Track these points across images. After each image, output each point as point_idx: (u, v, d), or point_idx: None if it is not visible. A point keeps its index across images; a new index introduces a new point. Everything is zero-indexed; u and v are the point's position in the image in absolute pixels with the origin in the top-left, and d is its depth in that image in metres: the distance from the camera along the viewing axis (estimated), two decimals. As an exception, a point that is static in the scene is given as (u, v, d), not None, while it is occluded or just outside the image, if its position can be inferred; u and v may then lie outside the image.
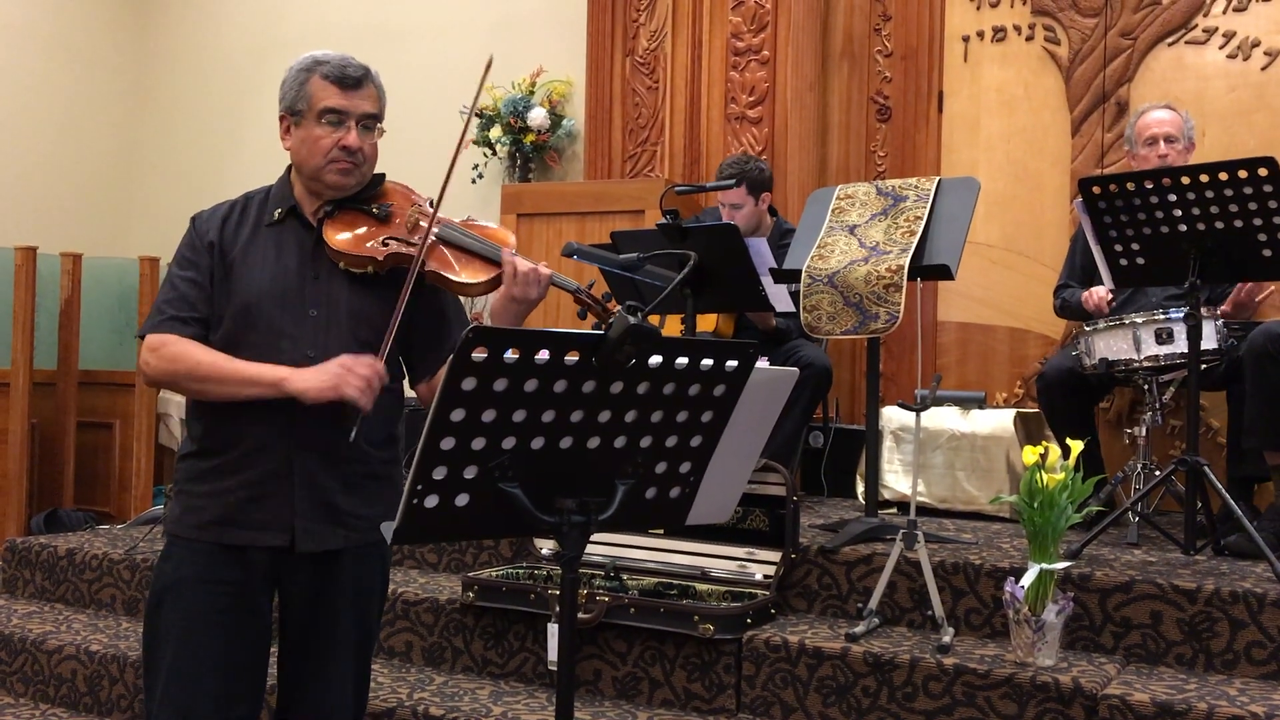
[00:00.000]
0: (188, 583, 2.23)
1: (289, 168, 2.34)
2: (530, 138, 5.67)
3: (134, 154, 7.06)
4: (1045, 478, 2.81)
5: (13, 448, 5.15)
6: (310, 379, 2.11)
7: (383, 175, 2.37)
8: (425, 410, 1.59)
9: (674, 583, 3.38)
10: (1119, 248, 3.34)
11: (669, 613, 3.11)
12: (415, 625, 3.51)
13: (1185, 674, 2.85)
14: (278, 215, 2.30)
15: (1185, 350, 3.29)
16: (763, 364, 1.78)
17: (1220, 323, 3.44)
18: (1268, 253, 3.15)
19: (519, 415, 1.58)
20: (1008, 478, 4.13)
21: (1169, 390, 3.78)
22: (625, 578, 3.41)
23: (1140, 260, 3.33)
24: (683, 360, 1.68)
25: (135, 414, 5.42)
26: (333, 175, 2.26)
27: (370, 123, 2.28)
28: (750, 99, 5.12)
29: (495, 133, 5.72)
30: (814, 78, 5.19)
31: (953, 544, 3.47)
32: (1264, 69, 4.54)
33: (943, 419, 4.28)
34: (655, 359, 1.64)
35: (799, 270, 3.67)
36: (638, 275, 2.39)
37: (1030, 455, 2.85)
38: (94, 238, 6.44)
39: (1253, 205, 3.10)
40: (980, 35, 5.05)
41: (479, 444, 1.58)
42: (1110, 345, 3.52)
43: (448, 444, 1.56)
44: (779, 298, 3.91)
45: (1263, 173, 3.06)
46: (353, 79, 2.25)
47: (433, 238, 2.26)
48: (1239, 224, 3.13)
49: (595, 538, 2.12)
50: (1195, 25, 4.66)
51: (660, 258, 2.35)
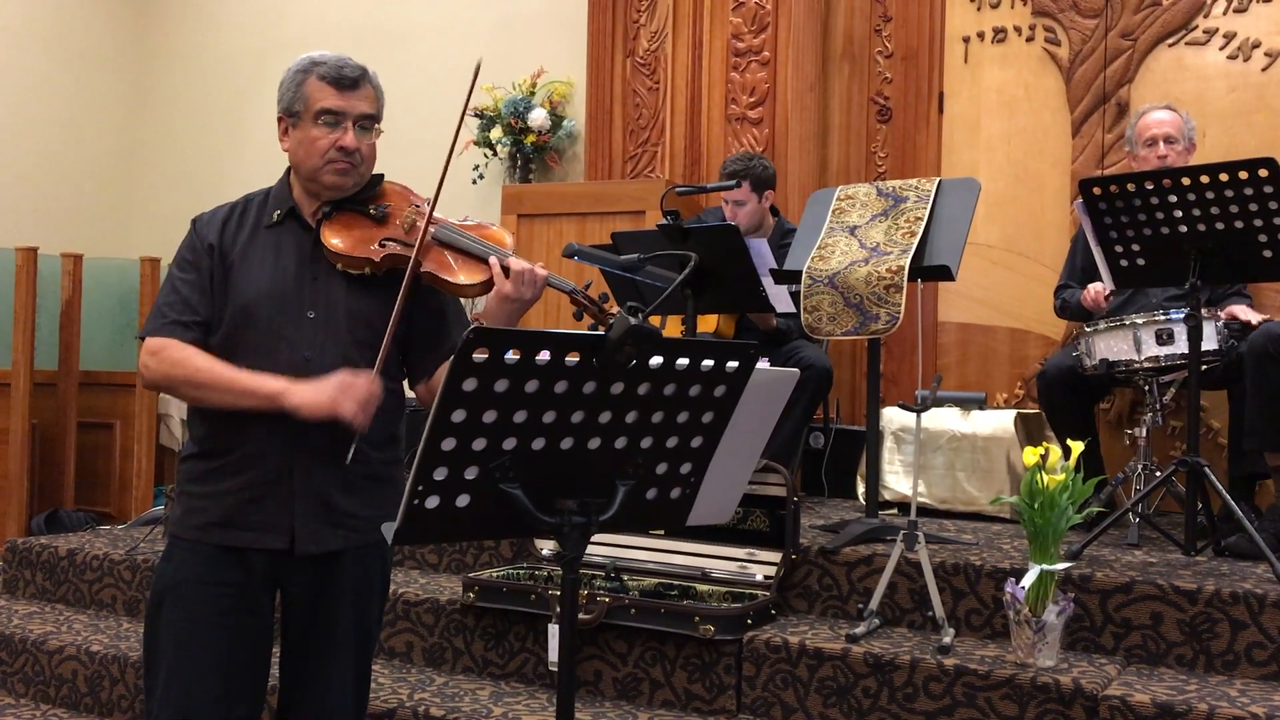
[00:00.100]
0: (189, 584, 2.23)
1: (288, 169, 2.35)
2: (531, 138, 5.67)
3: (134, 154, 7.06)
4: (1046, 478, 2.81)
5: (13, 448, 5.15)
6: (307, 395, 2.10)
7: (381, 176, 2.36)
8: (425, 411, 1.59)
9: (674, 583, 3.38)
10: (1119, 248, 3.34)
11: (669, 613, 3.11)
12: (416, 626, 3.51)
13: (1186, 675, 2.85)
14: (277, 217, 2.30)
15: (1186, 351, 3.29)
16: (763, 365, 1.78)
17: (1220, 323, 3.44)
18: (1268, 253, 3.15)
19: (520, 416, 1.58)
20: (1008, 478, 4.13)
21: (1169, 391, 3.78)
22: (626, 578, 3.41)
23: (1140, 261, 3.33)
24: (683, 361, 1.68)
25: (136, 415, 5.42)
26: (330, 176, 2.26)
27: (368, 123, 2.27)
28: (751, 100, 5.12)
29: (496, 133, 5.72)
30: (814, 79, 5.19)
31: (953, 545, 3.47)
32: (1264, 70, 4.54)
33: (943, 420, 4.28)
34: (656, 360, 1.64)
35: (799, 271, 3.67)
36: (638, 276, 2.40)
37: (1031, 456, 2.85)
38: (95, 238, 6.44)
39: (1253, 206, 3.10)
40: (981, 36, 5.05)
41: (480, 445, 1.58)
42: (1111, 346, 3.53)
43: (449, 445, 1.56)
44: (779, 298, 3.92)
45: (1263, 173, 3.06)
46: (349, 80, 2.25)
47: (429, 239, 2.26)
48: (1239, 225, 3.13)
49: (596, 538, 2.13)
50: (1195, 26, 4.66)
51: (661, 258, 2.36)
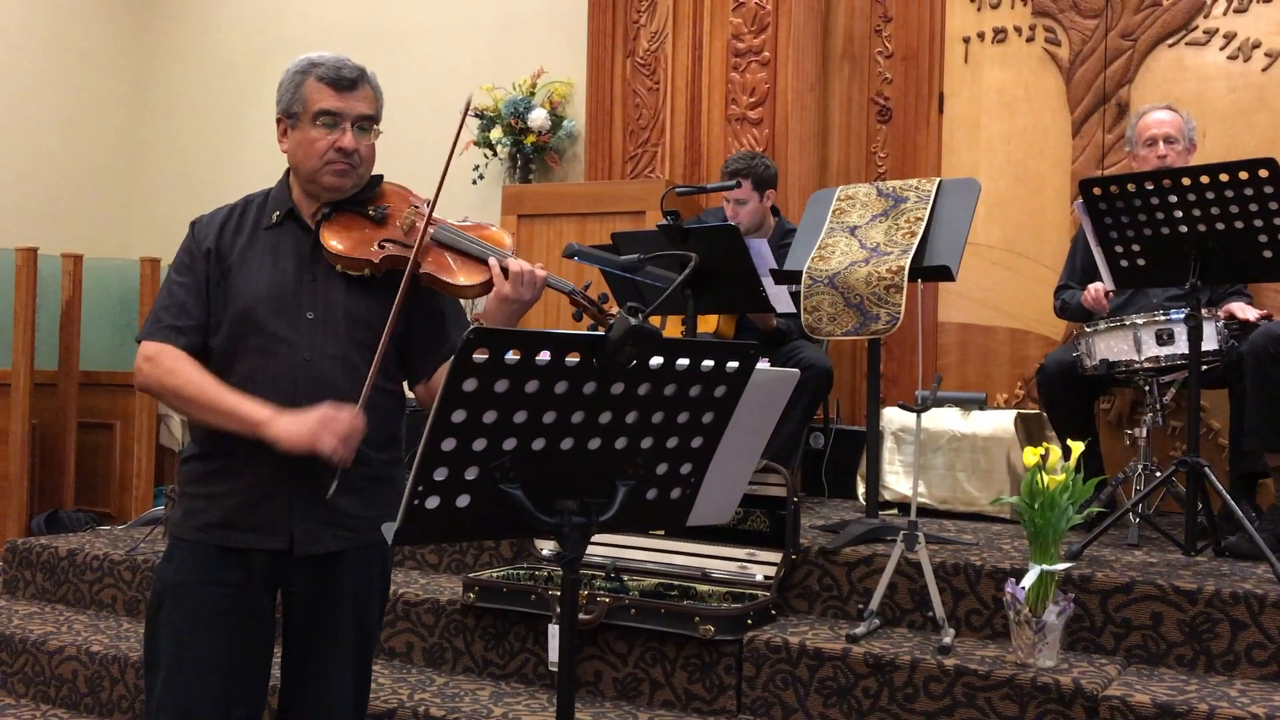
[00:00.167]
0: (189, 584, 2.23)
1: (287, 170, 2.35)
2: (531, 139, 5.67)
3: (134, 154, 7.07)
4: (1046, 479, 2.81)
5: (14, 448, 5.15)
6: (287, 428, 2.09)
7: (380, 177, 2.36)
8: (425, 411, 1.59)
9: (674, 584, 3.38)
10: (1119, 249, 3.34)
11: (669, 614, 3.11)
12: (416, 626, 3.51)
13: (1186, 675, 2.85)
14: (276, 218, 2.30)
15: (1186, 351, 3.29)
16: (763, 365, 1.78)
17: (1221, 323, 3.44)
18: (1268, 254, 3.15)
19: (520, 416, 1.58)
20: (1008, 479, 4.12)
21: (1170, 391, 3.78)
22: (626, 579, 3.41)
23: (1141, 261, 3.33)
24: (684, 361, 1.68)
25: (136, 415, 5.42)
26: (329, 177, 2.26)
27: (366, 124, 2.27)
28: (751, 100, 5.12)
29: (496, 134, 5.72)
30: (814, 79, 5.19)
31: (953, 545, 3.47)
32: (1264, 70, 4.54)
33: (943, 420, 4.28)
34: (656, 360, 1.64)
35: (799, 271, 3.67)
36: (639, 276, 2.40)
37: (1031, 456, 2.85)
38: (95, 239, 6.44)
39: (1253, 206, 3.10)
40: (981, 36, 5.05)
41: (480, 445, 1.58)
42: (1111, 346, 3.53)
43: (449, 445, 1.56)
44: (779, 299, 3.91)
45: (1263, 174, 3.06)
46: (348, 80, 2.24)
47: (429, 240, 2.26)
48: (1239, 225, 3.13)
49: (596, 539, 2.13)
50: (1196, 26, 4.66)
51: (661, 259, 2.36)
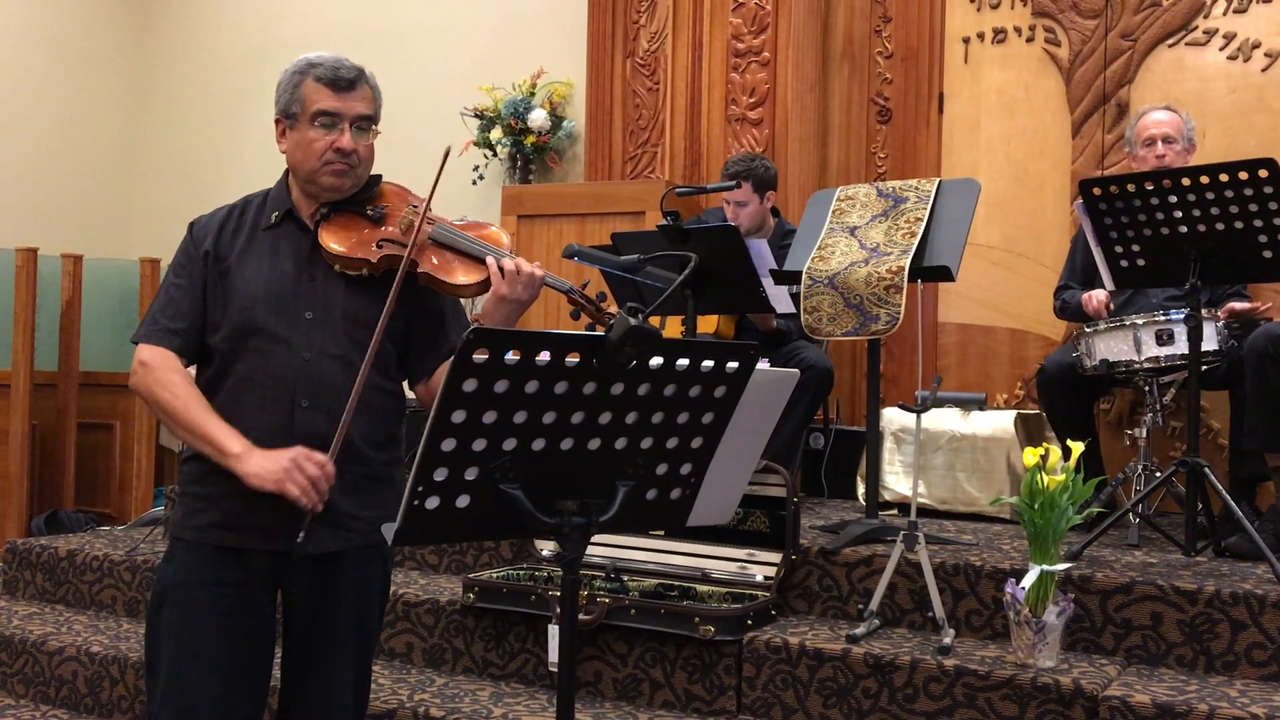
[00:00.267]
0: (189, 584, 2.23)
1: (286, 170, 2.34)
2: (531, 139, 5.67)
3: (134, 155, 7.06)
4: (1046, 479, 2.81)
5: (13, 449, 5.15)
6: (256, 466, 2.08)
7: (379, 176, 2.36)
8: (425, 411, 1.59)
9: (674, 584, 3.38)
10: (1119, 249, 3.34)
11: (669, 614, 3.11)
12: (416, 626, 3.51)
13: (1186, 675, 2.85)
14: (275, 219, 2.30)
15: (1186, 351, 3.29)
16: (763, 365, 1.78)
17: (1221, 324, 3.44)
18: (1268, 254, 3.15)
19: (520, 416, 1.58)
20: (1008, 479, 4.12)
21: (1169, 391, 3.78)
22: (626, 579, 3.41)
23: (1141, 261, 3.33)
24: (683, 362, 1.68)
25: (136, 415, 5.42)
26: (327, 178, 2.26)
27: (364, 124, 2.27)
28: (751, 100, 5.12)
29: (496, 134, 5.72)
30: (814, 79, 5.19)
31: (953, 545, 3.47)
32: (1264, 70, 4.54)
33: (943, 420, 4.28)
34: (656, 360, 1.64)
35: (799, 271, 3.67)
36: (638, 277, 2.40)
37: (1031, 456, 2.85)
38: (94, 239, 6.44)
39: (1253, 206, 3.10)
40: (980, 37, 5.05)
41: (480, 445, 1.58)
42: (1111, 346, 3.52)
43: (449, 445, 1.56)
44: (779, 299, 3.91)
45: (1263, 174, 3.06)
46: (346, 81, 2.24)
47: (426, 240, 2.25)
48: (1239, 225, 3.13)
49: (596, 539, 2.13)
50: (1195, 27, 4.66)
51: (661, 259, 2.35)
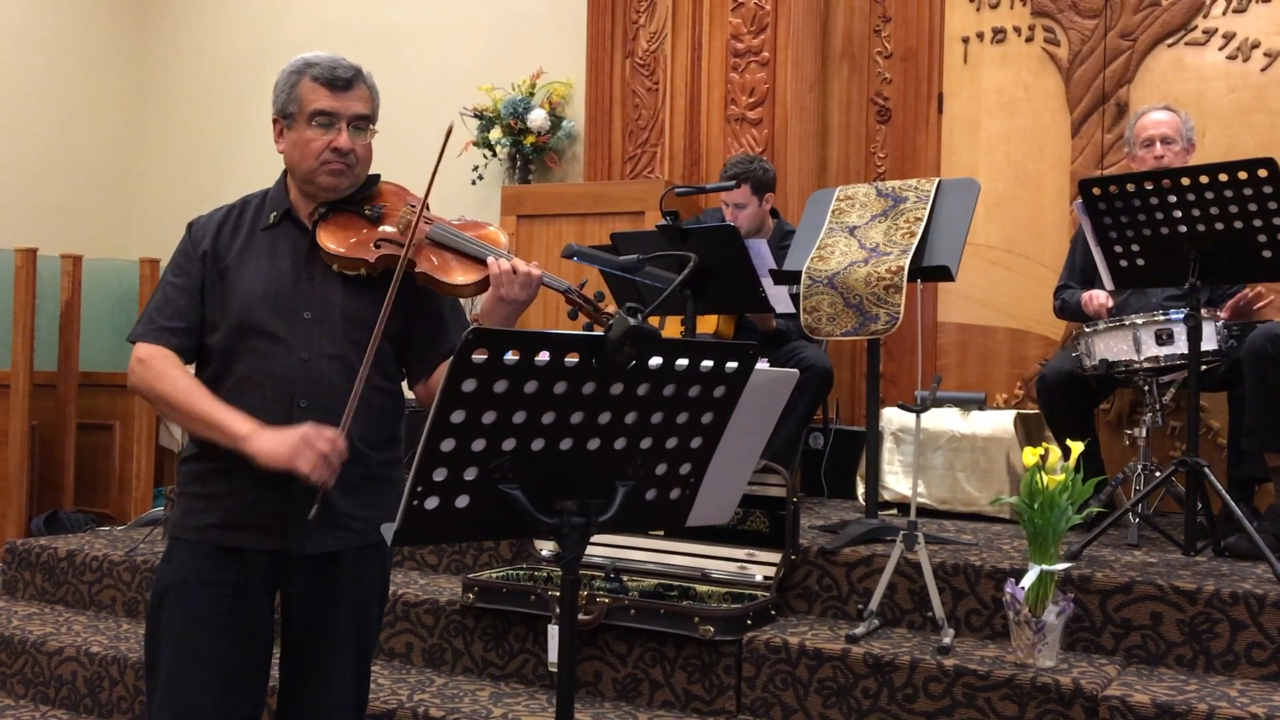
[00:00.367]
0: (188, 584, 2.23)
1: (285, 171, 2.34)
2: (530, 139, 5.66)
3: (134, 155, 7.06)
4: (1045, 479, 2.81)
5: (13, 449, 5.14)
6: (267, 445, 2.08)
7: (377, 176, 2.36)
8: (425, 411, 1.59)
9: (674, 584, 3.38)
10: (1119, 249, 3.34)
11: (669, 614, 3.11)
12: (415, 627, 3.51)
13: (1185, 675, 2.85)
14: (273, 219, 2.30)
15: (1185, 351, 3.29)
16: (763, 365, 1.78)
17: (1220, 324, 3.44)
18: (1268, 254, 3.15)
19: (519, 417, 1.58)
20: (1008, 479, 4.12)
21: (1169, 391, 3.78)
22: (625, 579, 3.41)
23: (1140, 261, 3.33)
24: (683, 362, 1.68)
25: (135, 415, 5.42)
26: (325, 177, 2.26)
27: (362, 124, 2.27)
28: (750, 100, 5.12)
29: (495, 134, 5.72)
30: (814, 79, 5.19)
31: (953, 545, 3.47)
32: (1264, 70, 4.54)
33: (943, 420, 4.28)
34: (655, 360, 1.64)
35: (799, 271, 3.67)
36: (638, 277, 2.40)
37: (1030, 456, 2.85)
38: (94, 239, 6.44)
39: (1253, 206, 3.10)
40: (980, 36, 5.05)
41: (479, 445, 1.58)
42: (1110, 346, 3.52)
43: (448, 445, 1.56)
44: (779, 299, 3.91)
45: (1262, 174, 3.06)
46: (343, 80, 2.24)
47: (423, 239, 2.25)
48: (1239, 225, 3.13)
49: (595, 539, 2.13)
50: (1195, 26, 4.66)
51: (660, 259, 2.35)
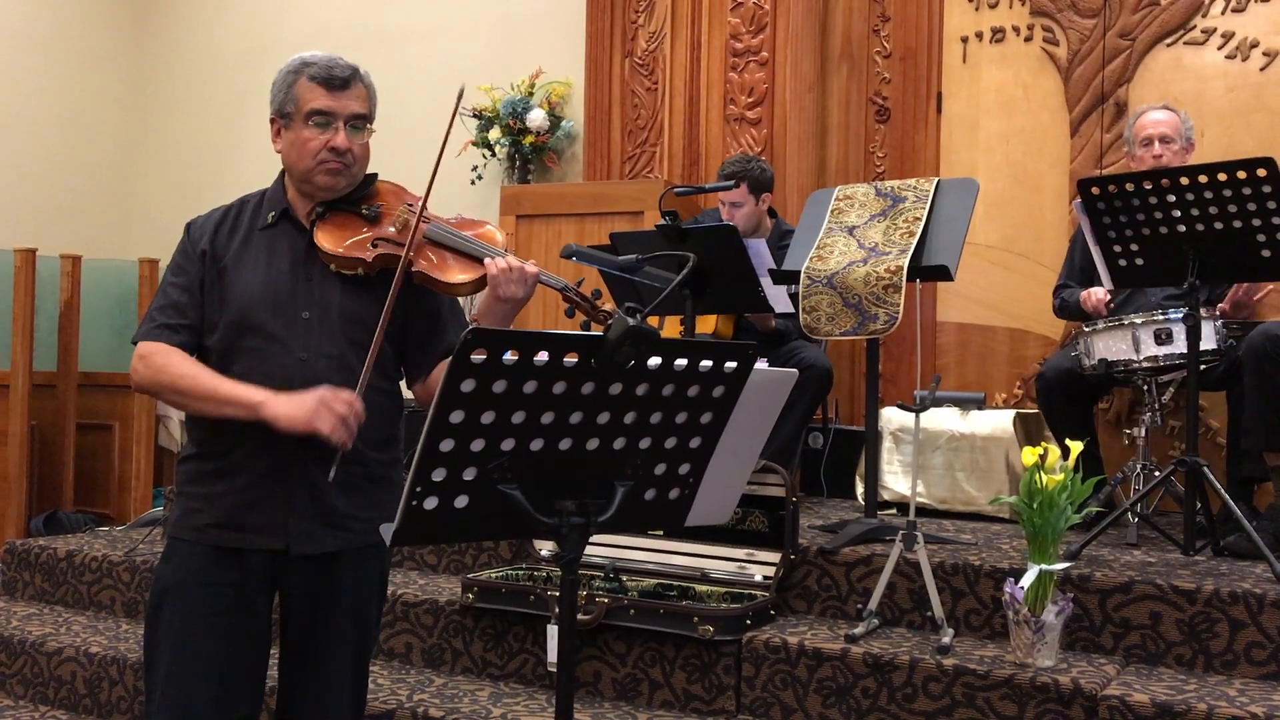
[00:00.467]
0: (187, 584, 2.23)
1: (283, 171, 2.34)
2: (529, 139, 5.66)
3: (133, 155, 7.06)
4: (1044, 478, 2.81)
5: (12, 450, 5.14)
6: (285, 407, 2.09)
7: (375, 175, 2.36)
8: (423, 411, 1.59)
9: (673, 584, 3.38)
10: (1118, 248, 3.34)
11: (668, 614, 3.11)
12: (415, 627, 3.51)
13: (1185, 674, 2.85)
14: (271, 219, 2.30)
15: (1184, 350, 3.29)
16: (762, 365, 1.78)
17: (1219, 323, 3.44)
18: (1267, 253, 3.15)
19: (518, 417, 1.58)
20: (1007, 478, 4.12)
21: (1168, 391, 3.78)
22: (625, 579, 3.41)
23: (1139, 261, 3.33)
24: (681, 361, 1.68)
25: (135, 416, 5.41)
26: (322, 177, 2.26)
27: (359, 123, 2.27)
28: (749, 100, 5.12)
29: (494, 134, 5.72)
30: (813, 79, 5.19)
31: (952, 545, 3.47)
32: (1262, 69, 4.54)
33: (942, 420, 4.28)
34: (654, 360, 1.64)
35: (798, 271, 3.67)
36: (637, 276, 2.39)
37: (1029, 456, 2.85)
38: (93, 239, 6.44)
39: (1251, 206, 3.10)
40: (979, 36, 5.05)
41: (478, 445, 1.58)
42: (1109, 346, 3.52)
43: (447, 446, 1.56)
44: (778, 299, 3.92)
45: (1261, 173, 3.06)
46: (339, 80, 2.24)
47: (421, 238, 2.25)
48: (1238, 224, 3.13)
49: (595, 539, 2.13)
50: (1194, 26, 4.66)
51: (659, 259, 2.35)
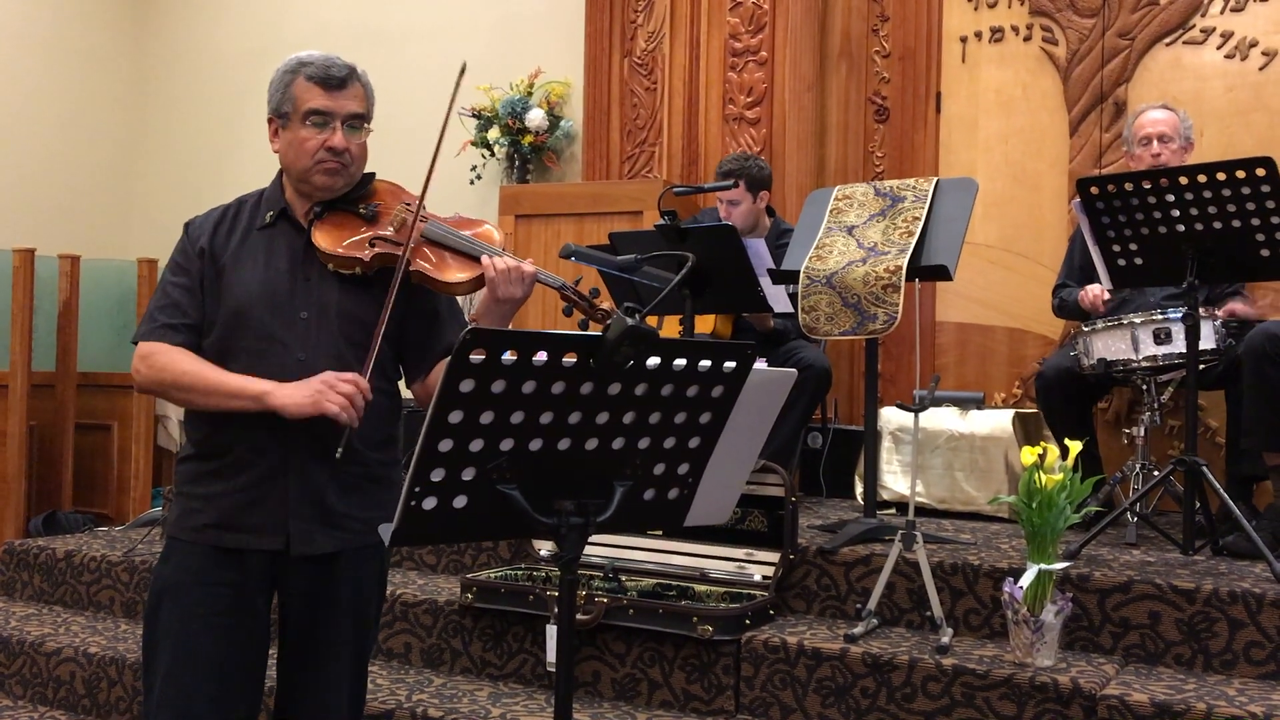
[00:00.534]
0: (186, 584, 2.23)
1: (281, 170, 2.34)
2: (528, 139, 5.66)
3: (133, 155, 7.06)
4: (1044, 478, 2.81)
5: (11, 450, 5.14)
6: (290, 395, 2.10)
7: (372, 175, 2.36)
8: (422, 411, 1.59)
9: (673, 584, 3.38)
10: (1117, 248, 3.34)
11: (668, 614, 3.11)
12: (414, 627, 3.51)
13: (1184, 674, 2.85)
14: (269, 218, 2.30)
15: (1183, 350, 3.30)
16: (761, 365, 1.78)
17: (1219, 323, 3.44)
18: (1265, 253, 3.15)
19: (517, 417, 1.58)
20: (1006, 478, 4.13)
21: (1167, 390, 3.78)
22: (624, 579, 3.41)
23: (1138, 260, 3.33)
24: (680, 361, 1.68)
25: (134, 416, 5.41)
26: (320, 176, 2.26)
27: (357, 123, 2.27)
28: (748, 100, 5.12)
29: (493, 134, 5.72)
30: (812, 78, 5.18)
31: (951, 544, 3.47)
32: (1261, 69, 4.54)
33: (941, 419, 4.28)
34: (653, 360, 1.64)
35: (797, 271, 3.67)
36: (636, 276, 2.39)
37: (1029, 456, 2.85)
38: (92, 239, 6.44)
39: (1250, 205, 3.10)
40: (978, 36, 5.04)
41: (477, 446, 1.58)
42: (1108, 345, 3.53)
43: (445, 446, 1.56)
44: (777, 299, 3.91)
45: (1260, 173, 3.06)
46: (337, 79, 2.24)
47: (418, 237, 2.25)
48: (1237, 224, 3.13)
49: (594, 539, 2.13)
50: (1193, 25, 4.66)
51: (658, 259, 2.35)
